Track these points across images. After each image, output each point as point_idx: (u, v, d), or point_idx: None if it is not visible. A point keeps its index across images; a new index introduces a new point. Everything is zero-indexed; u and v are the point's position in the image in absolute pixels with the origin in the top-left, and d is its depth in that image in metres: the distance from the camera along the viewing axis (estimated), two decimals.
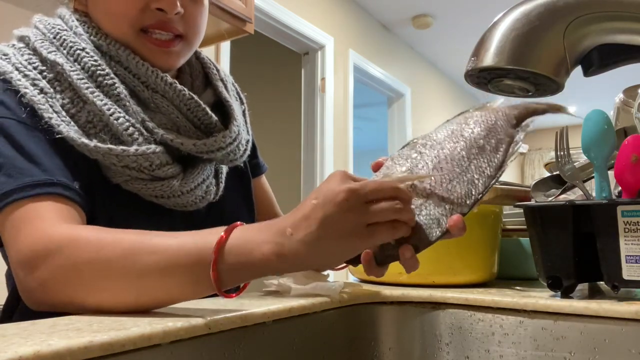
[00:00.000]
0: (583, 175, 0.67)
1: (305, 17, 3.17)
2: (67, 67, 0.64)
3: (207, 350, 0.47)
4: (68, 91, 0.64)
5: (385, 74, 4.10)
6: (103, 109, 0.63)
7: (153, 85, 0.69)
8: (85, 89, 0.63)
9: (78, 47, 0.66)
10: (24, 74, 0.63)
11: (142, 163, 0.64)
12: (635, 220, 0.55)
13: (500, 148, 0.54)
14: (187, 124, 0.70)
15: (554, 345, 0.57)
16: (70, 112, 0.63)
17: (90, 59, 0.66)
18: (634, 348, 0.53)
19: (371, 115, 5.94)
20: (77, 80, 0.64)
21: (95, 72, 0.65)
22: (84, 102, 0.64)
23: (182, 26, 0.70)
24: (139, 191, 0.66)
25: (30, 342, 0.36)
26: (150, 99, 0.69)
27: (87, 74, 0.65)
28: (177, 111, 0.70)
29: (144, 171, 0.64)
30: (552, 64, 0.52)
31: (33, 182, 0.56)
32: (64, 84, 0.64)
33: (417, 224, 0.51)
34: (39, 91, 0.62)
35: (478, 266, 0.75)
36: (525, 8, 0.53)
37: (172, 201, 0.68)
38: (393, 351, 0.67)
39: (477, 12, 3.91)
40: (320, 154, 3.26)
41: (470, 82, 0.58)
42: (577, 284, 0.61)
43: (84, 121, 0.63)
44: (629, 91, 0.80)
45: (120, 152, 0.62)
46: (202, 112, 0.71)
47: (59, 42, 0.66)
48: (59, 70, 0.64)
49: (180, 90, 0.69)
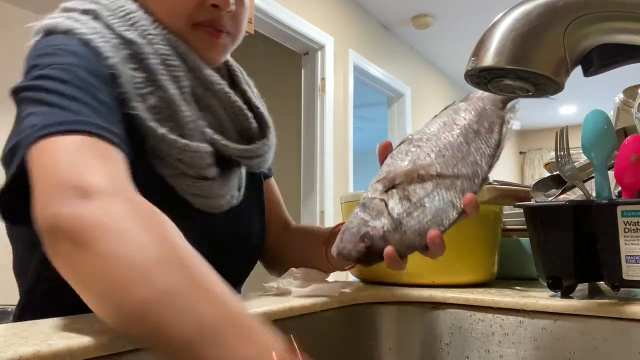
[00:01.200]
0: (583, 175, 0.67)
1: (305, 17, 3.17)
2: (146, 49, 0.62)
3: None
4: (140, 71, 0.61)
5: (385, 74, 4.10)
6: (175, 98, 0.62)
7: (208, 84, 0.67)
8: (159, 71, 0.62)
9: (150, 32, 0.64)
10: (105, 40, 0.60)
11: (196, 160, 0.62)
12: (635, 220, 0.55)
13: (495, 129, 0.56)
14: (230, 128, 0.70)
15: (554, 345, 0.57)
16: (140, 92, 0.60)
17: (163, 47, 0.64)
18: (634, 348, 0.53)
19: (371, 115, 5.94)
20: (153, 62, 0.61)
21: (166, 60, 0.63)
22: (155, 87, 0.62)
23: (230, 24, 0.70)
24: (180, 187, 0.63)
25: (30, 342, 0.36)
26: (202, 97, 0.67)
27: (160, 59, 0.63)
28: (224, 113, 0.69)
29: (193, 168, 0.63)
30: (552, 64, 0.52)
31: (83, 120, 0.50)
32: (137, 63, 0.61)
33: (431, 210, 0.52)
34: (119, 59, 0.60)
35: (478, 266, 0.75)
36: (525, 8, 0.53)
37: (206, 202, 0.66)
38: (393, 351, 0.67)
39: (477, 12, 3.91)
40: (320, 154, 3.26)
41: (470, 82, 0.58)
42: (577, 284, 0.61)
43: (151, 104, 0.61)
44: (629, 91, 0.80)
45: (183, 145, 0.61)
46: (244, 117, 0.71)
47: (129, 23, 0.64)
48: (135, 49, 0.62)
49: (226, 92, 0.69)
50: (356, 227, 0.53)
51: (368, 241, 0.52)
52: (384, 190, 0.54)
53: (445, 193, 0.53)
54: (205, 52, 0.69)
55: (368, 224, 0.52)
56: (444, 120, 0.59)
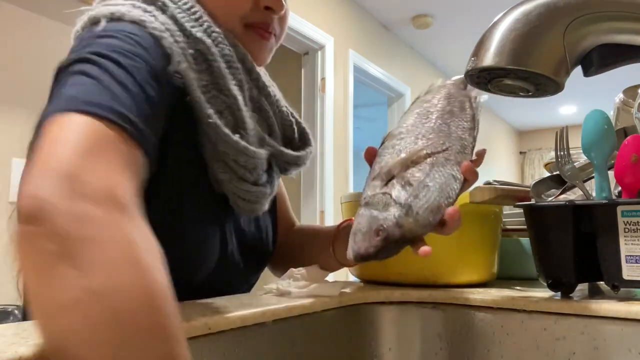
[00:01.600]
0: (583, 175, 0.67)
1: (305, 17, 3.17)
2: (214, 50, 0.60)
3: (207, 350, 0.47)
4: (206, 74, 0.59)
5: (385, 74, 4.10)
6: (241, 105, 0.60)
7: (261, 87, 0.67)
8: (229, 78, 0.60)
9: (214, 29, 0.62)
10: (174, 39, 0.57)
11: (254, 164, 0.61)
12: (635, 220, 0.55)
13: (465, 105, 0.60)
14: (279, 133, 0.69)
15: (554, 345, 0.57)
16: (207, 97, 0.58)
17: (225, 47, 0.62)
18: (634, 348, 0.53)
19: (371, 115, 5.94)
20: (222, 69, 0.60)
21: (230, 63, 0.62)
22: (218, 90, 0.60)
23: (278, 27, 0.71)
24: (233, 190, 0.61)
25: (30, 342, 0.36)
26: (258, 101, 0.67)
27: (224, 62, 0.61)
28: (275, 118, 0.68)
29: (250, 172, 0.61)
30: (552, 64, 0.52)
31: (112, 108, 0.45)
32: (202, 64, 0.59)
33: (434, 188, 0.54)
34: (187, 63, 0.57)
35: (478, 266, 0.75)
36: (525, 8, 0.53)
37: (251, 207, 0.64)
38: (393, 351, 0.67)
39: (477, 12, 3.91)
40: (320, 154, 3.26)
41: (470, 82, 0.58)
42: (577, 284, 0.61)
43: (217, 109, 0.59)
44: (629, 91, 0.80)
45: (251, 153, 0.60)
46: (288, 123, 0.71)
47: (194, 17, 0.61)
48: (202, 49, 0.59)
49: (274, 96, 0.69)
50: (366, 225, 0.52)
51: (383, 233, 0.51)
52: (383, 184, 0.54)
53: (442, 169, 0.55)
54: (256, 52, 0.68)
55: (378, 218, 0.52)
56: (417, 111, 0.61)
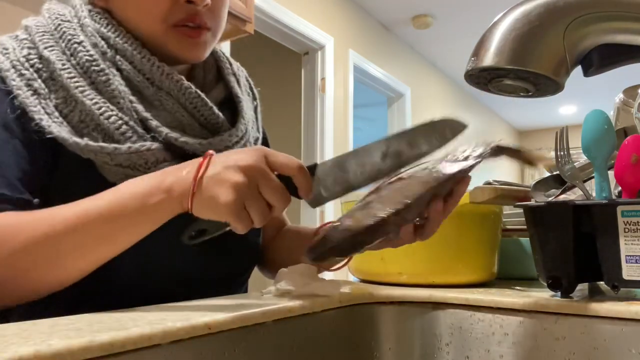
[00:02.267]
0: (583, 175, 0.67)
1: (305, 17, 3.17)
2: (58, 65, 0.64)
3: (207, 350, 0.47)
4: (61, 90, 0.63)
5: (385, 74, 4.10)
6: (92, 108, 0.63)
7: (158, 82, 0.68)
8: (75, 88, 0.63)
9: (76, 40, 0.65)
10: (19, 73, 0.63)
11: (136, 161, 0.63)
12: (635, 220, 0.55)
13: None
14: (192, 123, 0.70)
15: (554, 345, 0.57)
16: (63, 112, 0.63)
17: (86, 54, 0.65)
18: (634, 348, 0.53)
19: (371, 115, 5.93)
20: (67, 80, 0.63)
21: (90, 67, 0.64)
22: (75, 102, 0.63)
23: (209, 19, 0.70)
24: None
25: (30, 342, 0.36)
26: (154, 96, 0.68)
27: (82, 69, 0.64)
28: (182, 109, 0.69)
29: (139, 169, 0.64)
30: (552, 64, 0.52)
31: None
32: (57, 82, 0.64)
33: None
34: (33, 92, 0.62)
35: (478, 266, 0.75)
36: (525, 8, 0.53)
37: None
38: (393, 351, 0.67)
39: (477, 12, 3.91)
40: (320, 154, 3.26)
41: (470, 82, 0.58)
42: (577, 284, 0.61)
43: (77, 121, 0.63)
44: (629, 91, 0.80)
45: (112, 150, 0.62)
46: (209, 111, 0.70)
47: (58, 34, 0.66)
48: (52, 68, 0.64)
49: (186, 88, 0.69)
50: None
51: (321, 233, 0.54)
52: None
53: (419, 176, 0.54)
54: (186, 52, 0.69)
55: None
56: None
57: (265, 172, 0.53)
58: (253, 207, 0.53)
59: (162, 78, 0.68)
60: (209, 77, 0.78)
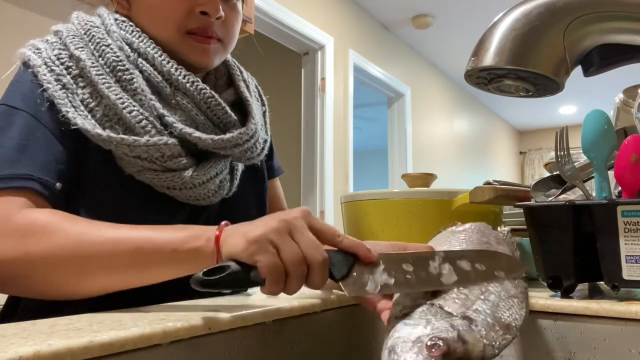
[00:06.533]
0: (583, 175, 0.67)
1: (305, 17, 3.17)
2: (88, 62, 0.68)
3: (207, 350, 0.47)
4: (89, 87, 0.68)
5: (385, 74, 4.10)
6: (117, 102, 0.67)
7: (176, 83, 0.72)
8: (102, 83, 0.68)
9: (104, 43, 0.71)
10: (50, 69, 0.67)
11: (153, 154, 0.67)
12: (635, 220, 0.55)
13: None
14: (205, 122, 0.74)
15: (554, 345, 0.57)
16: (88, 107, 0.67)
17: (112, 55, 0.70)
18: (634, 348, 0.53)
19: (371, 115, 5.94)
20: (96, 76, 0.68)
21: (116, 67, 0.69)
22: (101, 97, 0.67)
23: (221, 31, 0.76)
24: (150, 182, 0.68)
25: (30, 342, 0.36)
26: (171, 96, 0.72)
27: (109, 68, 0.69)
28: (196, 109, 0.73)
29: (156, 162, 0.67)
30: (552, 64, 0.52)
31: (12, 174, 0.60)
32: (86, 79, 0.68)
33: None
34: (62, 86, 0.67)
35: None
36: (525, 8, 0.53)
37: (184, 193, 0.70)
38: None
39: (477, 12, 3.91)
40: (320, 154, 3.26)
41: (470, 82, 0.58)
42: (577, 284, 0.61)
43: (100, 115, 0.67)
44: (629, 91, 0.80)
45: (131, 142, 0.66)
46: (222, 111, 0.75)
47: (88, 38, 0.71)
48: (81, 65, 0.68)
49: (201, 89, 0.73)
50: (411, 337, 0.45)
51: (440, 346, 0.42)
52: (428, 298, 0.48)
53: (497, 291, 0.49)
54: (195, 57, 0.75)
55: (426, 329, 0.44)
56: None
57: (302, 224, 0.51)
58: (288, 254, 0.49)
59: (179, 79, 0.72)
60: (220, 82, 0.82)
